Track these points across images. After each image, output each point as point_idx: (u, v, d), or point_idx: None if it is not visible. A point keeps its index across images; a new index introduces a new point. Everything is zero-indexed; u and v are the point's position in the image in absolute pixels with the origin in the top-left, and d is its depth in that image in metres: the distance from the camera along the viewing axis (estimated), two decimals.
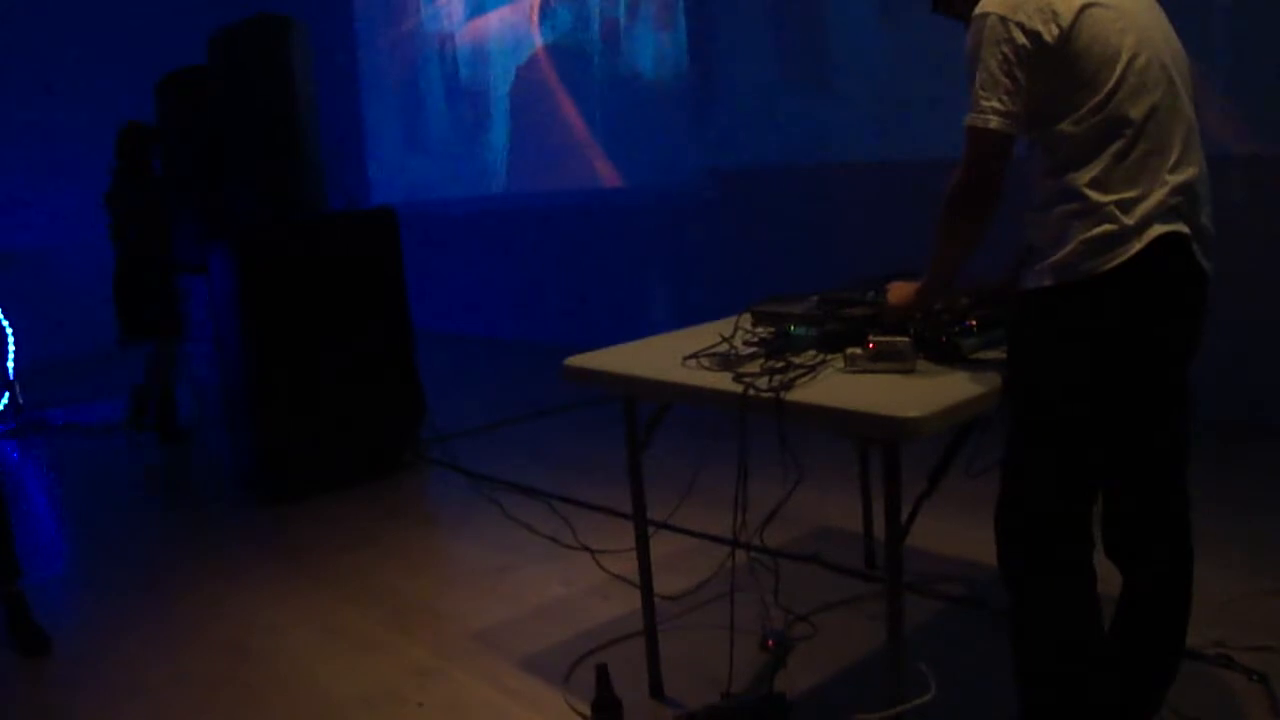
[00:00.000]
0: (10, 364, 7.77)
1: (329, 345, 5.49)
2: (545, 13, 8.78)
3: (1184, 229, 2.21)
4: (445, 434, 6.20)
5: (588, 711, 2.93)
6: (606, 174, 8.50)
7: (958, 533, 3.79)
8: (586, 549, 4.19)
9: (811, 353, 2.69)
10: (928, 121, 6.03)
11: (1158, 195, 2.19)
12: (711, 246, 7.54)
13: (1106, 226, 2.18)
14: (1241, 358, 4.52)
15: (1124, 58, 2.21)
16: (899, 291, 2.66)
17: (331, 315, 5.50)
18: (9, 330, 7.80)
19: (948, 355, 2.57)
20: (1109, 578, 2.46)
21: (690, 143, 7.72)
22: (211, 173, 5.68)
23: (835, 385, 2.46)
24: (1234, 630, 3.12)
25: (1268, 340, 4.71)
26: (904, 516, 2.36)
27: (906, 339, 2.54)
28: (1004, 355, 2.52)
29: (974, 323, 2.64)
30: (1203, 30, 4.81)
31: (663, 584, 3.30)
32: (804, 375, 2.50)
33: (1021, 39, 2.21)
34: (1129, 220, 2.17)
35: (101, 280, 10.09)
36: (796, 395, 2.40)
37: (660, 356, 2.88)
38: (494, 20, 9.30)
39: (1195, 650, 2.89)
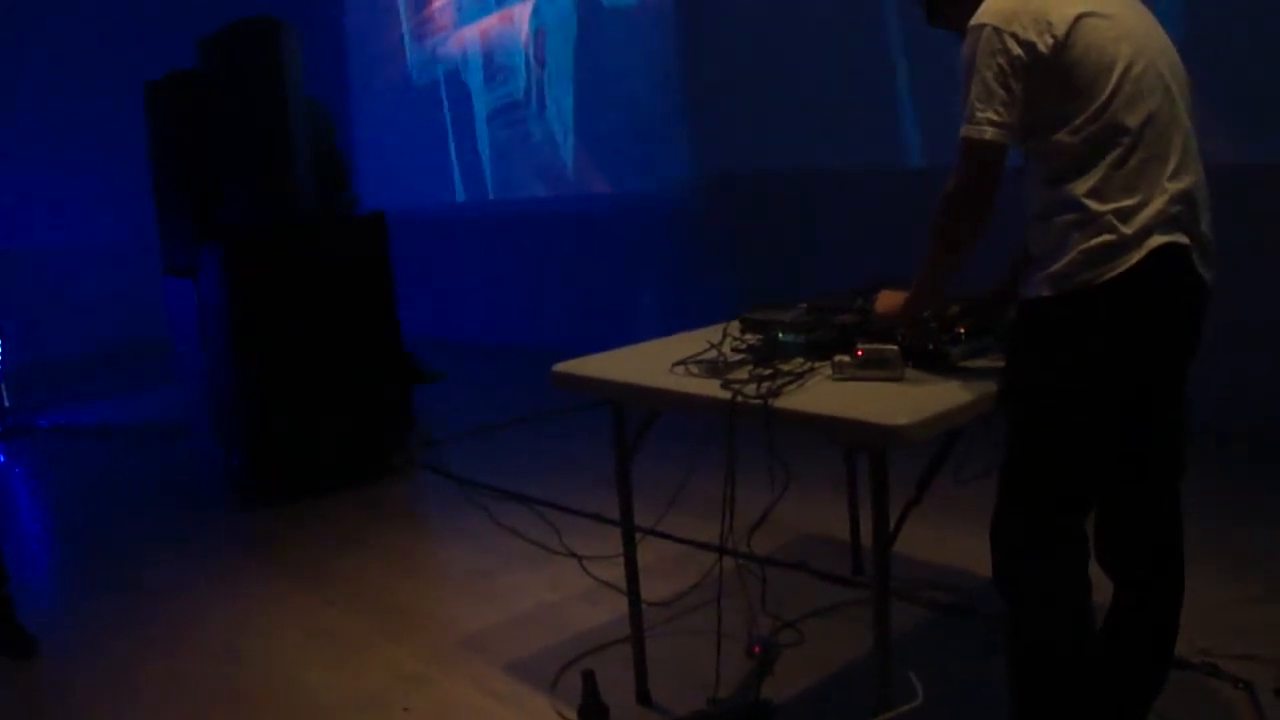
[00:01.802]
0: None
1: (318, 348, 5.48)
2: (536, 18, 8.78)
3: (1183, 239, 2.22)
4: (434, 439, 6.21)
5: (574, 717, 2.92)
6: (597, 180, 8.50)
7: (945, 540, 3.80)
8: (573, 555, 4.18)
9: (800, 360, 2.69)
10: (920, 130, 6.06)
11: (1157, 204, 2.19)
12: (702, 253, 7.54)
13: (1105, 237, 2.18)
14: (1230, 366, 4.52)
15: (1120, 66, 2.21)
16: (888, 300, 2.67)
17: (321, 318, 5.49)
18: None
19: (936, 363, 2.57)
20: (1100, 586, 2.46)
21: (683, 149, 7.73)
22: (202, 175, 5.66)
23: (823, 392, 2.46)
24: (1220, 638, 3.12)
25: (1256, 348, 4.71)
26: (891, 524, 2.37)
27: (894, 347, 2.54)
28: (992, 364, 2.54)
29: (962, 331, 2.65)
30: (1192, 39, 4.83)
31: (649, 590, 3.30)
32: (792, 382, 2.50)
33: (1016, 50, 2.22)
34: (1128, 230, 2.18)
35: (90, 282, 10.12)
36: (784, 402, 2.40)
37: (649, 363, 2.88)
38: (485, 26, 9.30)
39: (1181, 658, 2.89)
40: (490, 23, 9.23)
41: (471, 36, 9.47)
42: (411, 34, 10.13)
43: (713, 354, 2.80)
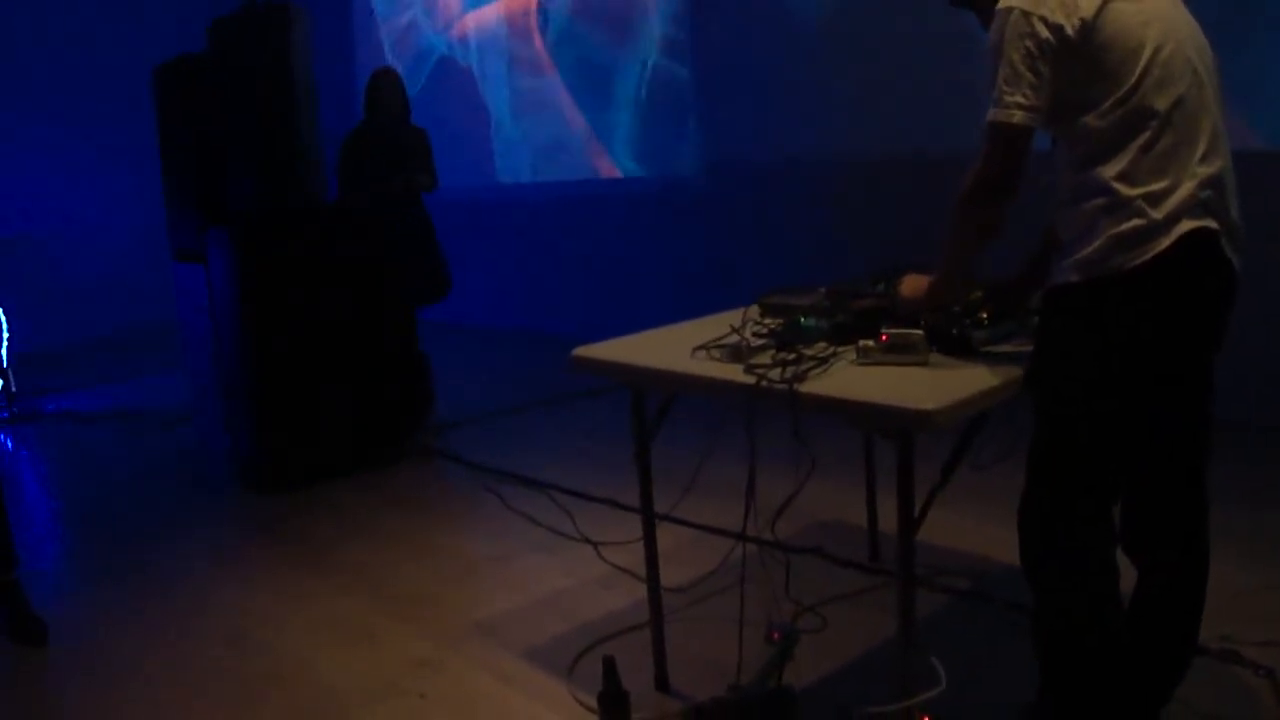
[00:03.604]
0: (4, 351, 7.73)
1: (328, 334, 5.47)
2: (545, 4, 8.75)
3: (1213, 224, 2.20)
4: (446, 424, 6.20)
5: (593, 703, 2.91)
6: (610, 165, 8.49)
7: (963, 525, 3.79)
8: (588, 540, 4.17)
9: (822, 344, 2.68)
10: (934, 116, 6.03)
11: (1187, 188, 2.18)
12: (715, 239, 7.53)
13: (1135, 222, 2.17)
14: (1253, 354, 4.49)
15: (1148, 49, 2.20)
16: (912, 284, 2.65)
17: (331, 303, 5.47)
18: (2, 318, 7.75)
19: (960, 348, 2.56)
20: (1126, 573, 2.45)
21: (696, 135, 7.72)
22: (211, 160, 5.64)
23: (848, 377, 2.45)
24: (1241, 625, 3.11)
25: (1274, 336, 4.70)
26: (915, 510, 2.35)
27: (920, 331, 2.53)
28: (1016, 348, 2.53)
29: (985, 316, 2.64)
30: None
31: (664, 576, 3.28)
32: (816, 367, 2.49)
33: (1045, 33, 2.20)
34: (1157, 215, 2.16)
35: (96, 267, 10.11)
36: (809, 387, 2.39)
37: (670, 347, 2.87)
38: (494, 12, 9.27)
39: (1202, 644, 2.87)
40: (501, 7, 9.20)
41: (481, 21, 9.43)
42: (420, 20, 10.10)
43: (734, 338, 2.79)
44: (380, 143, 6.11)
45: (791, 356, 2.55)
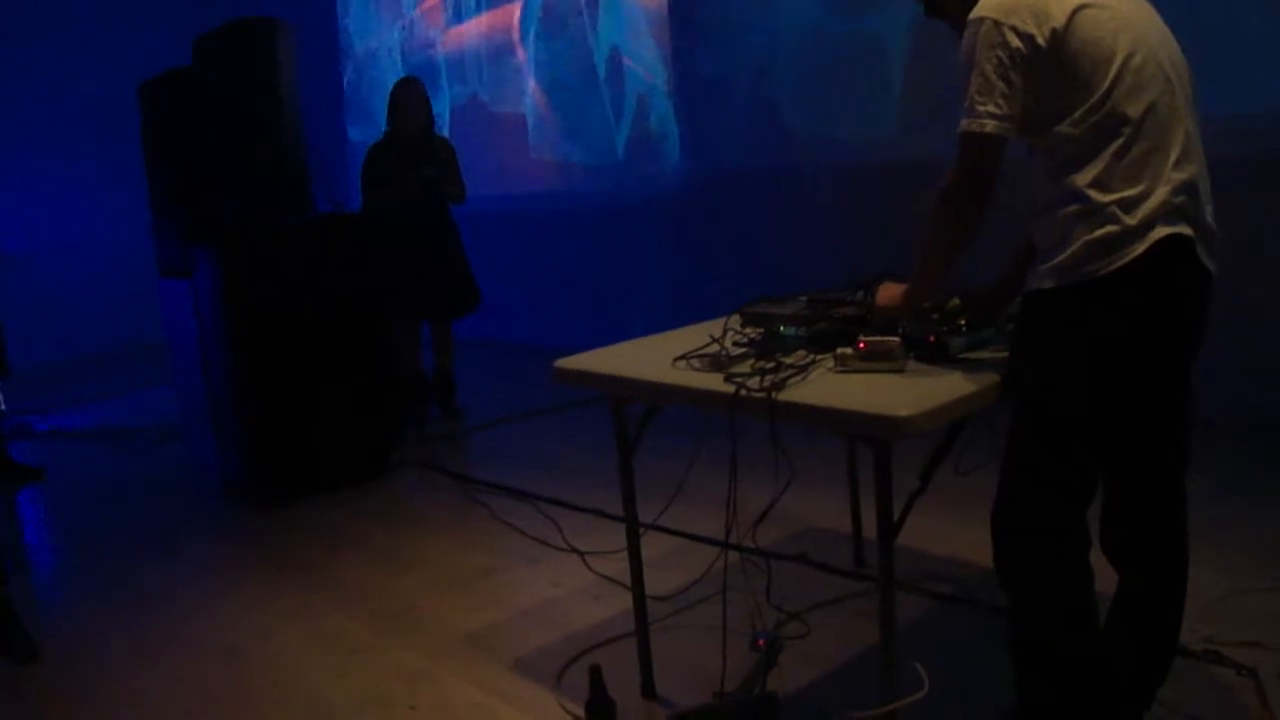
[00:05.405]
0: None
1: (315, 348, 5.47)
2: (528, 17, 8.78)
3: (1187, 230, 2.22)
4: (433, 437, 6.21)
5: (581, 713, 2.93)
6: (593, 177, 8.50)
7: (945, 530, 3.80)
8: (575, 550, 4.19)
9: (801, 353, 2.70)
10: (916, 123, 6.06)
11: (1161, 194, 2.20)
12: (695, 249, 7.55)
13: (1109, 228, 2.19)
14: (1240, 357, 4.52)
15: (1119, 57, 2.22)
16: (888, 292, 2.68)
17: (317, 318, 5.48)
18: None
19: (936, 355, 2.58)
20: (1104, 575, 2.47)
21: (677, 145, 7.73)
22: (197, 176, 5.65)
23: (827, 385, 2.47)
24: (1223, 626, 3.14)
25: (1257, 337, 4.72)
26: (895, 515, 2.37)
27: (897, 339, 2.55)
28: (993, 355, 2.55)
29: (963, 323, 2.66)
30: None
31: (651, 584, 3.30)
32: (795, 375, 2.51)
33: (1016, 42, 2.23)
34: (1131, 221, 2.19)
35: (83, 284, 10.10)
36: (788, 395, 2.41)
37: (651, 358, 2.89)
38: (478, 26, 9.29)
39: (1185, 646, 2.90)
40: (485, 21, 9.22)
41: (465, 35, 9.45)
42: (407, 31, 10.11)
43: (714, 348, 2.81)
44: (404, 151, 6.19)
45: (770, 365, 2.58)
